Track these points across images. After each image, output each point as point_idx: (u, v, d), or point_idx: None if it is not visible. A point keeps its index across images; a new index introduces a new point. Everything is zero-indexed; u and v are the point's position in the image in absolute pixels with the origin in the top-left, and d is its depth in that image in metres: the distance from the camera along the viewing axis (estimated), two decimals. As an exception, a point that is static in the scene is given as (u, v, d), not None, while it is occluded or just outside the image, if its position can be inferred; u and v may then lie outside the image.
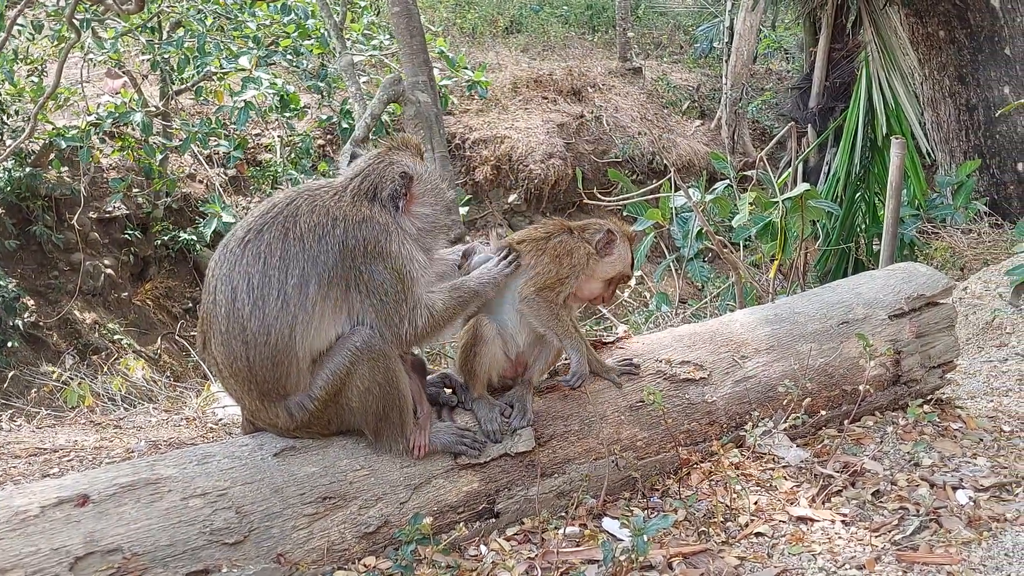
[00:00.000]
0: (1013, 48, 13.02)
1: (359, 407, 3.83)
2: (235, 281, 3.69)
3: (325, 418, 3.86)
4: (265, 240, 3.73)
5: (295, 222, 3.78)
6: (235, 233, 3.81)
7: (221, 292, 3.72)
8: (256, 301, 3.66)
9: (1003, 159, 13.10)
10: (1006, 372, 6.83)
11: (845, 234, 11.84)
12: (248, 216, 3.88)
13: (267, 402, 3.80)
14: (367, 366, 3.78)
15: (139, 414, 7.11)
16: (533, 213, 19.76)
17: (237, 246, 3.75)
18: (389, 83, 11.19)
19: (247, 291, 3.67)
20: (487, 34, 25.88)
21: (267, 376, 3.72)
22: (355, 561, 3.72)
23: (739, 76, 20.48)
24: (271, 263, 3.69)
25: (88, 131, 13.70)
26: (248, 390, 3.79)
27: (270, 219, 3.79)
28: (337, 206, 3.87)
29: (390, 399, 3.85)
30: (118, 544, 3.32)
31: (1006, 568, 3.73)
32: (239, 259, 3.72)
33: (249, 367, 3.72)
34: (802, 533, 4.06)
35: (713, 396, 4.73)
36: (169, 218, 16.30)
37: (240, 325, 3.68)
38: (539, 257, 4.32)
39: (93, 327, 14.66)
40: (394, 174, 4.01)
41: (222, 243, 3.84)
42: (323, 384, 3.78)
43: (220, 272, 3.75)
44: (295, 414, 3.81)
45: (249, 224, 3.80)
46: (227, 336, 3.71)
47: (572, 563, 3.77)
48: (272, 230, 3.75)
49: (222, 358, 3.78)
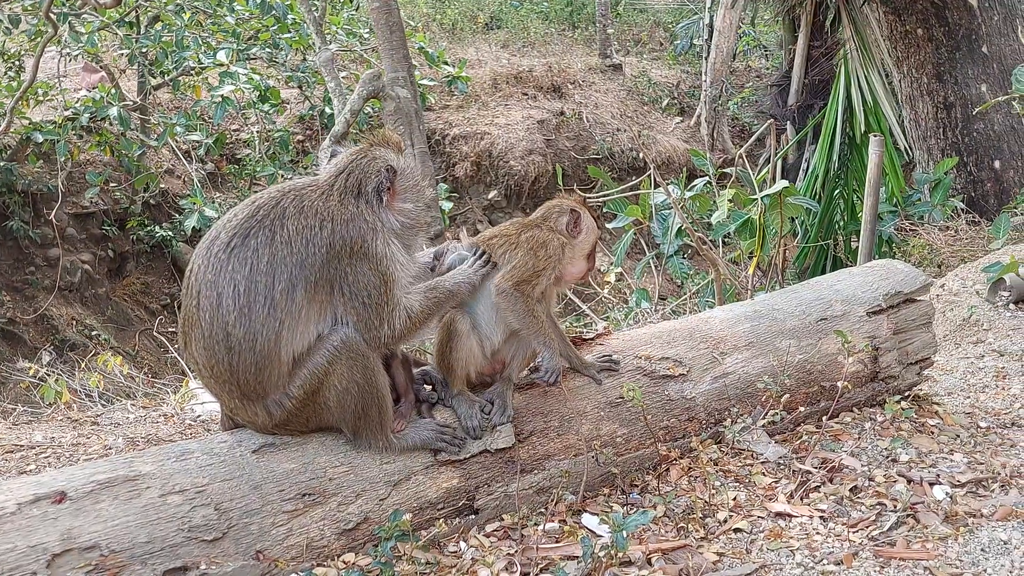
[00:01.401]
0: (990, 46, 13.09)
1: (337, 406, 3.82)
2: (221, 287, 3.65)
3: (303, 416, 3.85)
4: (252, 246, 3.69)
5: (282, 225, 3.75)
6: (219, 237, 3.75)
7: (206, 298, 3.68)
8: (242, 308, 3.63)
9: (980, 156, 13.17)
10: (983, 369, 6.87)
11: (824, 231, 11.90)
12: (232, 218, 3.82)
13: (247, 401, 3.79)
14: (345, 366, 3.77)
15: (117, 411, 7.07)
16: (513, 209, 19.74)
17: (223, 251, 3.70)
18: (369, 78, 11.18)
19: (233, 298, 3.64)
20: (467, 30, 25.84)
21: (249, 379, 3.71)
22: (335, 558, 3.71)
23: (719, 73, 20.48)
24: (258, 269, 3.66)
25: (65, 125, 13.62)
26: (229, 391, 3.78)
27: (256, 223, 3.74)
28: (325, 206, 3.84)
29: (369, 398, 3.84)
30: (96, 541, 3.30)
31: (982, 563, 3.76)
32: (224, 265, 3.67)
33: (231, 371, 3.70)
34: (780, 529, 4.07)
35: (692, 392, 4.75)
36: (147, 213, 16.20)
37: (224, 331, 3.65)
38: (513, 251, 4.31)
39: (70, 323, 14.56)
40: (378, 168, 4.00)
41: (205, 246, 3.78)
42: (301, 384, 3.77)
43: (205, 278, 3.70)
44: (273, 412, 3.80)
45: (234, 228, 3.75)
46: (210, 341, 3.69)
47: (552, 559, 3.77)
48: (259, 235, 3.71)
49: (203, 360, 3.76)
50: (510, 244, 4.34)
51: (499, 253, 4.32)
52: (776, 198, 7.96)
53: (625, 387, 4.33)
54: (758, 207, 8.05)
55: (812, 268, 11.71)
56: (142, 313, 15.87)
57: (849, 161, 12.44)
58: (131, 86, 16.42)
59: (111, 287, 15.87)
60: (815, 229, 11.84)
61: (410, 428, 4.03)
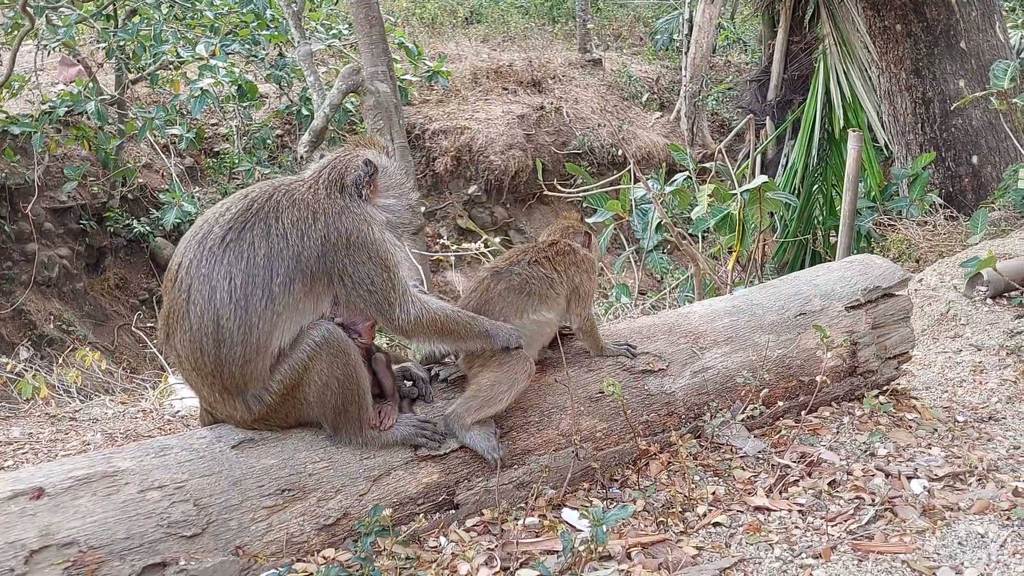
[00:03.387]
0: (968, 42, 13.14)
1: (317, 401, 3.82)
2: (215, 281, 3.65)
3: (283, 412, 3.85)
4: (248, 239, 3.71)
5: (277, 218, 3.78)
6: (212, 231, 3.74)
7: (197, 291, 3.67)
8: (238, 301, 3.64)
9: (958, 152, 13.22)
10: (960, 363, 6.90)
11: (802, 226, 11.93)
12: (224, 212, 3.81)
13: (227, 395, 3.78)
14: (325, 361, 3.77)
15: (95, 406, 7.03)
16: (493, 204, 19.74)
17: (217, 245, 3.69)
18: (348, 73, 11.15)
19: (229, 291, 3.64)
20: (447, 24, 25.83)
21: (234, 372, 3.71)
22: (314, 553, 3.70)
23: (698, 68, 20.56)
24: (256, 262, 3.68)
25: (42, 119, 13.54)
26: (211, 384, 3.77)
27: (251, 216, 3.76)
28: (314, 199, 3.89)
29: (349, 394, 3.84)
30: (74, 537, 3.28)
31: (960, 556, 3.78)
32: (220, 259, 3.68)
33: (217, 364, 3.70)
34: (759, 523, 4.09)
35: (672, 387, 4.76)
36: (124, 208, 16.12)
37: (215, 324, 3.65)
38: (558, 287, 4.47)
39: (48, 318, 14.48)
40: (357, 162, 4.05)
41: (196, 239, 3.76)
42: (281, 378, 3.77)
43: (198, 271, 3.69)
44: (252, 407, 3.80)
45: (229, 222, 3.75)
46: (197, 334, 3.68)
47: (531, 554, 3.78)
48: (255, 228, 3.73)
49: (187, 353, 3.75)
50: (551, 281, 4.45)
51: (542, 289, 4.41)
52: (755, 193, 7.97)
53: (605, 382, 4.34)
54: (737, 202, 8.07)
55: (791, 263, 11.75)
56: (120, 308, 15.80)
57: (828, 156, 12.48)
58: (109, 80, 16.33)
59: (89, 282, 15.79)
60: (794, 224, 11.88)
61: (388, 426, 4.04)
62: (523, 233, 19.66)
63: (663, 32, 25.46)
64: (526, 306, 4.35)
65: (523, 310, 4.35)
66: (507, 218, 19.75)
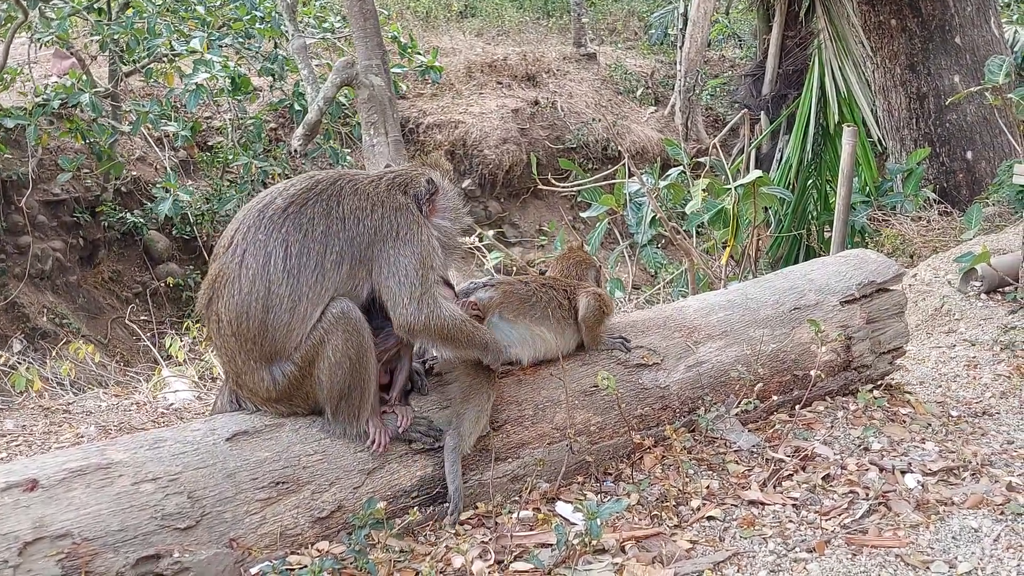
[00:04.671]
0: (963, 37, 13.16)
1: (327, 379, 3.83)
2: (271, 247, 3.76)
3: (303, 390, 3.88)
4: (308, 215, 3.83)
5: (339, 202, 3.91)
6: (274, 202, 3.87)
7: (251, 255, 3.77)
8: (291, 270, 3.75)
9: (952, 147, 13.24)
10: (954, 358, 6.92)
11: (797, 221, 11.94)
12: (289, 186, 3.96)
13: (260, 364, 3.83)
14: (341, 337, 3.79)
15: (89, 399, 7.03)
16: (487, 198, 19.73)
17: (278, 215, 3.81)
18: (342, 66, 11.12)
19: (284, 259, 3.75)
20: (441, 18, 25.79)
21: (276, 338, 3.78)
22: (308, 546, 3.70)
23: (693, 63, 20.55)
24: (313, 236, 3.80)
25: (35, 112, 13.49)
26: (248, 351, 3.82)
27: (315, 195, 3.90)
28: (375, 192, 4.02)
29: (356, 377, 3.85)
30: (68, 529, 3.27)
31: (953, 551, 3.79)
32: (279, 227, 3.79)
33: (262, 328, 3.76)
34: (753, 517, 4.09)
35: (666, 381, 4.76)
36: (118, 200, 16.09)
37: (266, 289, 3.74)
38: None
39: (41, 311, 14.45)
40: (421, 178, 4.21)
41: (257, 208, 3.89)
42: (305, 350, 3.81)
43: (256, 237, 3.79)
44: (278, 379, 3.84)
45: (292, 196, 3.88)
46: (247, 297, 3.75)
47: (525, 547, 3.78)
48: (316, 206, 3.87)
49: (230, 317, 3.79)
50: (559, 304, 4.56)
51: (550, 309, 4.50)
52: (750, 188, 7.97)
53: (599, 375, 4.34)
54: (732, 197, 8.07)
55: (785, 258, 11.75)
56: (114, 301, 15.78)
57: (822, 151, 12.49)
58: (102, 73, 16.28)
59: (82, 275, 15.76)
60: (788, 219, 11.89)
61: (386, 417, 4.04)
62: (517, 228, 19.67)
63: (658, 26, 25.45)
64: (528, 314, 4.40)
65: (524, 315, 4.38)
66: (501, 212, 19.74)
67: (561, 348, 4.54)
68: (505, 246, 17.43)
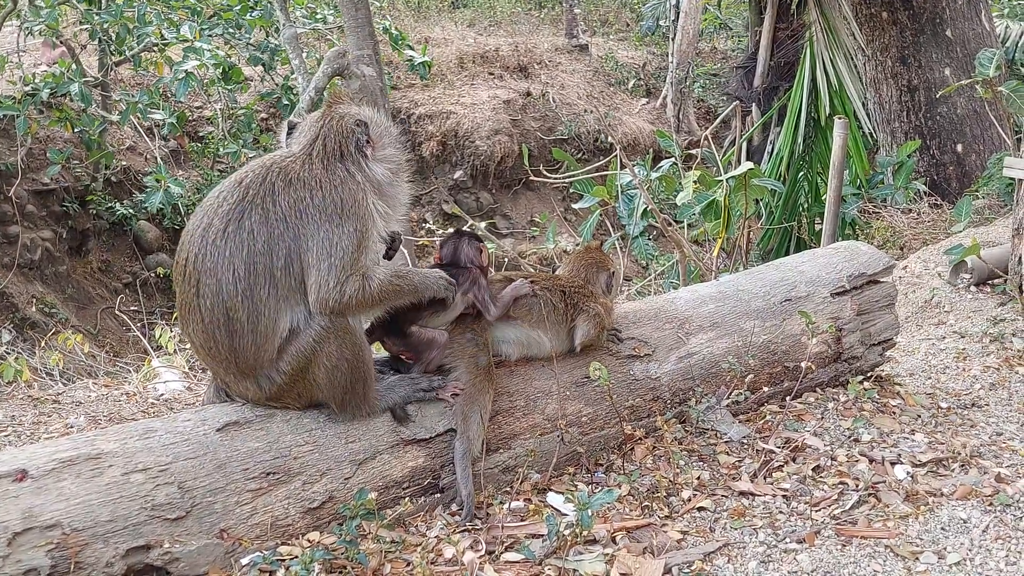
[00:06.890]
0: (954, 30, 13.18)
1: (327, 383, 3.84)
2: (220, 274, 3.67)
3: (295, 391, 3.87)
4: (247, 227, 3.69)
5: (275, 201, 3.75)
6: (212, 224, 3.71)
7: (206, 285, 3.69)
8: (244, 292, 3.66)
9: (943, 140, 13.28)
10: (944, 350, 6.94)
11: (788, 213, 11.93)
12: (221, 203, 3.77)
13: (241, 377, 3.82)
14: (335, 345, 3.79)
15: (78, 389, 7.01)
16: (479, 189, 19.70)
17: (219, 238, 3.68)
18: (334, 56, 11.10)
19: (234, 283, 3.66)
20: (433, 8, 25.73)
21: (248, 357, 3.75)
22: (299, 536, 3.70)
23: (685, 55, 20.55)
24: (256, 250, 3.68)
25: (24, 101, 13.42)
26: (226, 368, 3.82)
27: (248, 203, 3.74)
28: (311, 174, 3.84)
29: (357, 373, 3.86)
30: (57, 519, 3.27)
31: (942, 541, 3.80)
32: (222, 251, 3.67)
33: (230, 351, 3.74)
34: (744, 508, 4.10)
35: (657, 372, 4.77)
36: (108, 190, 16.04)
37: (225, 316, 3.68)
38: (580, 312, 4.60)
39: (30, 301, 14.39)
40: (351, 125, 4.02)
41: (199, 233, 3.74)
42: (290, 360, 3.78)
43: (204, 265, 3.69)
44: (264, 387, 3.84)
45: (227, 214, 3.72)
46: (209, 326, 3.71)
47: (517, 537, 3.78)
48: (253, 215, 3.71)
49: (200, 342, 3.79)
50: (555, 308, 4.54)
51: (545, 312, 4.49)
52: (741, 180, 7.97)
53: (591, 367, 4.34)
54: (723, 189, 8.07)
55: (776, 250, 11.74)
56: (103, 291, 15.72)
57: (814, 143, 12.47)
58: (92, 62, 16.21)
59: (72, 265, 15.70)
60: (779, 211, 11.88)
61: (384, 389, 4.03)
62: (509, 219, 19.64)
63: (650, 18, 25.39)
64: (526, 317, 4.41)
65: (522, 317, 4.39)
66: (492, 203, 19.71)
67: (555, 350, 4.54)
68: (497, 237, 17.46)
